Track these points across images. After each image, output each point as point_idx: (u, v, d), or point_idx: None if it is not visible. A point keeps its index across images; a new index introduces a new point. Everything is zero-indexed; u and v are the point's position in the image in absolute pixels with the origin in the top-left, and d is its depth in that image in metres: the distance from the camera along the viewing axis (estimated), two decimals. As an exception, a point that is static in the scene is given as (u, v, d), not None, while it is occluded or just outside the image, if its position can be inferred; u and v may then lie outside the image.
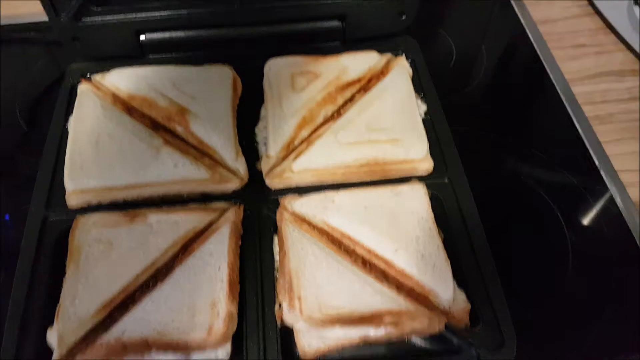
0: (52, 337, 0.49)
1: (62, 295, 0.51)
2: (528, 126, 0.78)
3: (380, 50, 0.76)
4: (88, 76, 0.73)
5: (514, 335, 0.52)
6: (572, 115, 0.76)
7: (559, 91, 0.79)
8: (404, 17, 0.77)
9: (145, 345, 0.48)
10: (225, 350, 0.50)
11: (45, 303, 0.53)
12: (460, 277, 0.55)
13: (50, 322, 0.52)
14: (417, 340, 0.53)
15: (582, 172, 0.71)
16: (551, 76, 0.82)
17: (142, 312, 0.50)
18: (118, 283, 0.51)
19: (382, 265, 0.55)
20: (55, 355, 0.48)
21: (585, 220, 0.67)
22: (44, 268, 0.55)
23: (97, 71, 0.73)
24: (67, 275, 0.52)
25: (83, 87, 0.69)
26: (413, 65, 0.75)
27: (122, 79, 0.70)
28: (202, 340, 0.48)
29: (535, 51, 0.86)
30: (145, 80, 0.69)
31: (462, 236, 0.59)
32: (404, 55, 0.76)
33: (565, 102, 0.78)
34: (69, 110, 0.69)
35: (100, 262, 0.53)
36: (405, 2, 0.75)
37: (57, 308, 0.51)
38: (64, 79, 0.74)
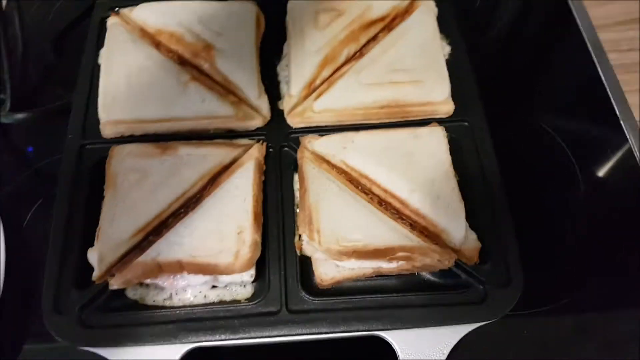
0: (93, 256, 0.54)
1: (101, 218, 0.56)
2: (551, 72, 0.78)
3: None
4: (116, 10, 0.74)
5: (521, 274, 0.55)
6: (596, 62, 0.76)
7: (584, 37, 0.78)
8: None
9: (179, 267, 0.52)
10: (249, 274, 0.55)
11: (84, 224, 0.57)
12: (473, 218, 0.58)
13: (89, 242, 0.56)
14: (427, 275, 0.57)
15: (602, 121, 0.72)
16: (578, 21, 0.80)
17: (175, 237, 0.54)
18: (152, 209, 0.56)
19: (397, 205, 0.58)
20: (95, 273, 0.53)
21: (602, 171, 0.69)
22: (81, 193, 0.59)
23: (124, 4, 0.74)
24: (105, 200, 0.57)
25: (112, 21, 0.71)
26: (439, 4, 0.74)
27: (149, 14, 0.71)
28: (230, 263, 0.52)
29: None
30: (172, 15, 0.70)
31: (478, 179, 0.61)
32: (430, -6, 0.75)
33: (590, 49, 0.77)
34: (99, 43, 0.71)
35: (135, 189, 0.57)
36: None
37: (97, 230, 0.55)
38: (92, 12, 0.75)
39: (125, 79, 0.64)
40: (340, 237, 0.54)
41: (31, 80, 0.81)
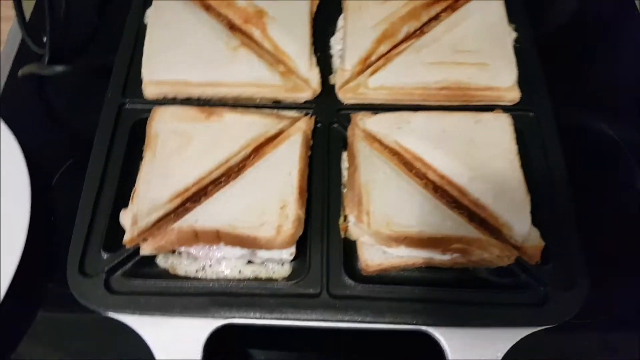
0: (126, 218, 0.50)
1: (138, 179, 0.52)
2: (620, 65, 0.72)
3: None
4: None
5: (587, 277, 0.50)
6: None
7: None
8: None
9: (216, 237, 0.49)
10: (289, 252, 0.50)
11: (118, 185, 0.54)
12: (535, 214, 0.53)
13: (121, 204, 0.53)
14: (482, 271, 0.52)
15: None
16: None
17: (214, 205, 0.50)
18: (192, 175, 0.52)
19: (455, 193, 0.53)
20: (127, 236, 0.50)
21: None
22: (118, 153, 0.56)
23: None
24: (143, 162, 0.53)
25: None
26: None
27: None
28: (271, 238, 0.48)
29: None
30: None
31: (542, 174, 0.56)
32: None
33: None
34: (146, 3, 0.68)
35: (176, 153, 0.53)
36: None
37: (133, 191, 0.52)
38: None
39: (172, 39, 0.61)
40: (392, 221, 0.50)
41: (72, 38, 0.78)
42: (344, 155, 0.58)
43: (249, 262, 0.51)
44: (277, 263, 0.51)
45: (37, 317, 0.56)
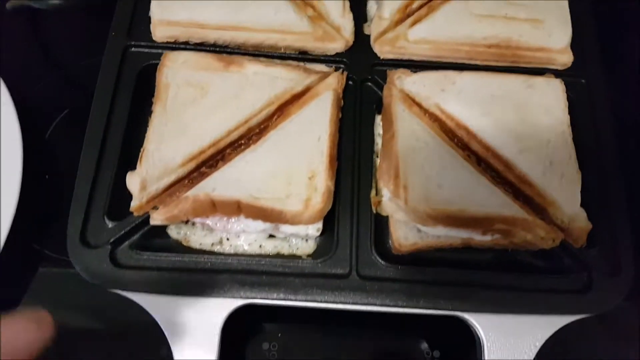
0: (133, 182, 0.45)
1: (146, 137, 0.46)
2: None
3: None
4: None
5: (632, 265, 0.46)
6: None
7: None
8: None
9: (236, 208, 0.44)
10: (316, 227, 0.46)
11: (124, 142, 0.48)
12: (583, 194, 0.48)
13: (127, 164, 0.47)
14: (522, 253, 0.48)
15: None
16: None
17: (234, 172, 0.45)
18: (209, 134, 0.46)
19: (499, 167, 0.48)
20: (134, 202, 0.45)
21: None
22: (122, 103, 0.50)
23: None
24: (152, 116, 0.47)
25: None
26: None
27: None
28: (298, 212, 0.43)
29: None
30: None
31: (591, 148, 0.51)
32: None
33: None
34: None
35: (190, 108, 0.47)
36: None
37: (141, 151, 0.46)
38: None
39: (186, -29, 0.52)
40: (432, 197, 0.45)
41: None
42: (378, 119, 0.52)
43: (271, 236, 0.47)
44: (301, 239, 0.47)
45: (36, 276, 0.52)
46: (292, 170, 0.45)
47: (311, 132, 0.47)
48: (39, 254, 0.52)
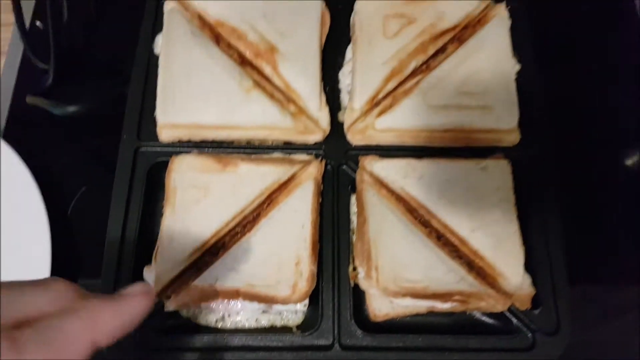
0: (150, 276, 0.54)
1: (160, 237, 0.55)
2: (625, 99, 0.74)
3: (480, -8, 0.70)
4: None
5: (569, 325, 0.55)
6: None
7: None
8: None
9: (236, 294, 0.53)
10: (303, 303, 0.55)
11: (139, 236, 0.57)
12: (530, 260, 0.57)
13: (142, 256, 0.56)
14: (478, 315, 0.57)
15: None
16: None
17: (232, 262, 0.54)
18: (210, 228, 0.55)
19: (456, 242, 0.57)
20: (152, 291, 0.54)
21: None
22: (136, 200, 0.59)
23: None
24: (164, 218, 0.56)
25: (170, 6, 0.66)
26: (512, 14, 0.69)
27: (210, 1, 0.67)
28: (287, 296, 0.53)
29: None
30: (234, 6, 0.66)
31: (537, 219, 0.59)
32: (504, 2, 0.69)
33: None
34: (155, 28, 0.68)
35: (194, 207, 0.56)
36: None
37: (155, 250, 0.55)
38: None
39: (185, 79, 0.61)
40: (399, 277, 0.54)
41: (76, 50, 0.78)
42: (353, 198, 0.61)
43: (265, 311, 0.56)
44: (291, 312, 0.56)
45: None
46: (281, 257, 0.54)
47: (296, 220, 0.56)
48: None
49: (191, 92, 0.61)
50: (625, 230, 0.66)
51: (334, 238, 0.58)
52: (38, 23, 0.81)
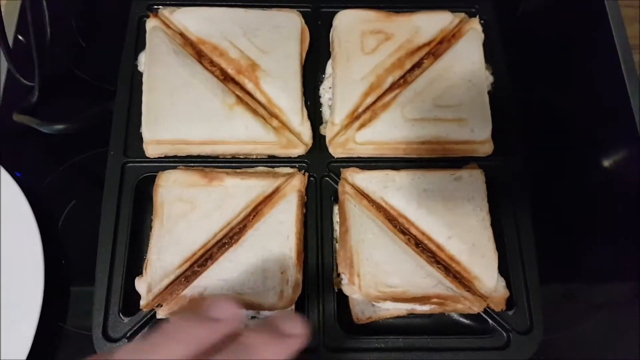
0: (141, 286, 0.56)
1: (149, 249, 0.57)
2: (593, 104, 0.78)
3: (453, 7, 0.73)
4: (154, 8, 0.72)
5: (542, 324, 0.59)
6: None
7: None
8: (484, -27, 0.73)
9: (224, 304, 0.55)
10: (289, 308, 0.57)
11: (130, 248, 0.59)
12: (502, 262, 0.60)
13: (133, 267, 0.58)
14: (456, 316, 0.61)
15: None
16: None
17: (220, 271, 0.56)
18: (198, 240, 0.57)
19: (433, 248, 0.60)
20: (143, 301, 0.56)
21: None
22: (125, 214, 0.61)
23: (161, 2, 0.72)
24: (153, 231, 0.58)
25: (152, 24, 0.69)
26: (485, 27, 0.73)
27: (190, 19, 0.69)
28: (273, 303, 0.55)
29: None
30: (214, 23, 0.68)
31: (510, 223, 0.63)
32: (478, 17, 0.73)
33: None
34: (138, 45, 0.70)
35: (182, 220, 0.58)
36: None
37: (146, 261, 0.57)
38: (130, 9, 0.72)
39: (169, 96, 0.63)
40: (380, 282, 0.57)
41: (59, 67, 0.80)
42: (336, 208, 0.63)
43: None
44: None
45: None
46: (267, 267, 0.57)
47: (281, 232, 0.59)
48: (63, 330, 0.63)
49: (175, 109, 0.63)
50: (597, 230, 0.69)
51: (318, 247, 0.61)
52: (20, 37, 0.82)
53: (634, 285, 0.67)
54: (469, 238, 0.60)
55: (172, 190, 0.59)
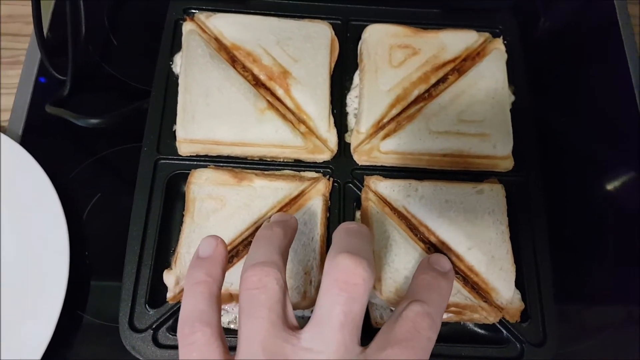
0: (169, 279, 0.57)
1: (179, 243, 0.59)
2: (612, 125, 0.80)
3: (479, 26, 0.76)
4: (191, 12, 0.74)
5: (556, 337, 0.60)
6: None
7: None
8: (511, -6, 0.76)
9: (249, 300, 0.56)
10: (310, 309, 0.59)
11: (158, 242, 0.61)
12: (518, 275, 0.62)
13: (160, 260, 0.60)
14: (472, 325, 0.62)
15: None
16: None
17: (246, 270, 0.57)
18: (226, 236, 0.59)
19: (453, 258, 0.61)
20: (169, 294, 0.57)
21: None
22: (156, 208, 0.62)
23: (198, 6, 0.74)
24: (184, 226, 0.60)
25: (188, 27, 0.71)
26: (508, 47, 0.75)
27: (226, 25, 0.71)
28: (297, 302, 0.56)
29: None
30: (249, 30, 0.71)
31: (527, 238, 0.65)
32: (502, 37, 0.75)
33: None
34: (173, 45, 0.72)
35: (212, 217, 0.60)
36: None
37: (175, 254, 0.58)
38: (167, 12, 0.75)
39: (204, 97, 0.65)
40: (400, 288, 0.58)
41: (91, 63, 0.82)
42: (358, 214, 0.65)
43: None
44: (299, 317, 0.59)
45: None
46: (291, 267, 0.58)
47: (306, 232, 0.60)
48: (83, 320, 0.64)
49: (209, 111, 0.65)
50: (609, 251, 0.71)
51: (339, 251, 0.62)
52: (49, 34, 0.84)
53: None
54: (488, 250, 0.61)
55: (204, 188, 0.61)
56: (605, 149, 0.79)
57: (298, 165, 0.67)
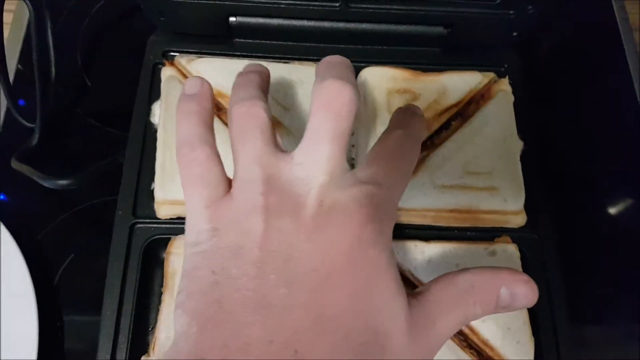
0: (147, 367, 0.50)
1: (157, 327, 0.52)
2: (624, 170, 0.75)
3: (482, 66, 0.71)
4: (171, 55, 0.68)
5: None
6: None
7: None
8: (515, 34, 0.71)
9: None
10: None
11: (135, 323, 0.54)
12: (537, 348, 0.56)
13: (138, 341, 0.53)
14: (486, 403, 0.56)
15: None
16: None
17: None
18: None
19: (466, 331, 0.55)
20: (148, 384, 0.50)
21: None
22: (132, 281, 0.55)
23: (178, 49, 0.69)
24: (162, 305, 0.53)
25: (167, 73, 0.65)
26: (515, 88, 0.70)
27: (209, 70, 0.65)
28: None
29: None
30: (234, 76, 0.64)
31: (544, 304, 0.59)
32: (507, 77, 0.70)
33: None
34: (151, 93, 0.66)
35: (193, 294, 0.53)
36: (520, 21, 0.68)
37: (153, 339, 0.52)
38: (144, 54, 0.69)
39: (185, 153, 0.59)
40: None
41: (62, 108, 0.76)
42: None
43: None
44: None
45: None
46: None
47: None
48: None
49: (192, 167, 0.58)
50: (634, 315, 0.66)
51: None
52: (20, 66, 0.78)
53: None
54: (504, 321, 0.55)
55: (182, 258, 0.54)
56: (621, 195, 0.74)
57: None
